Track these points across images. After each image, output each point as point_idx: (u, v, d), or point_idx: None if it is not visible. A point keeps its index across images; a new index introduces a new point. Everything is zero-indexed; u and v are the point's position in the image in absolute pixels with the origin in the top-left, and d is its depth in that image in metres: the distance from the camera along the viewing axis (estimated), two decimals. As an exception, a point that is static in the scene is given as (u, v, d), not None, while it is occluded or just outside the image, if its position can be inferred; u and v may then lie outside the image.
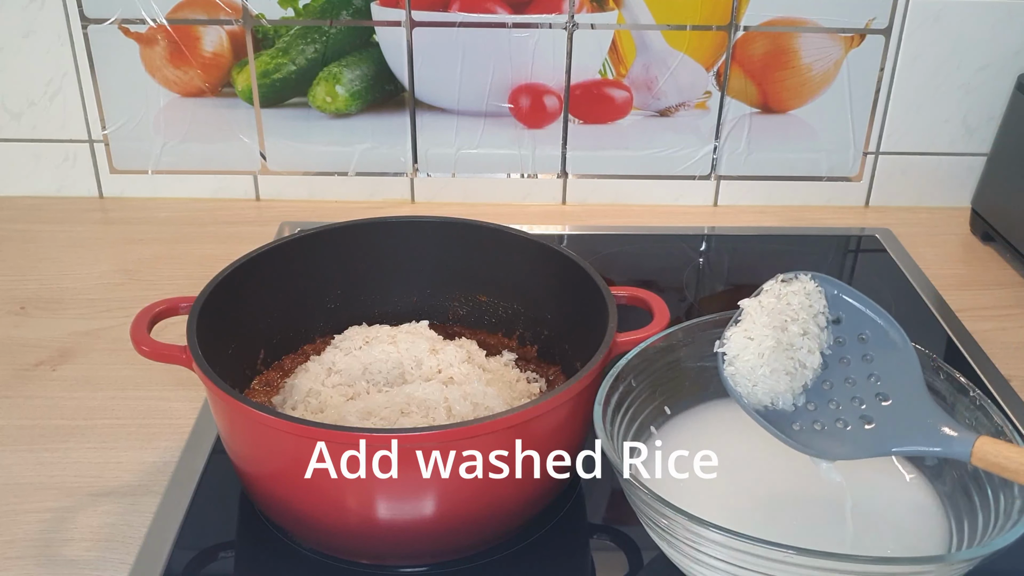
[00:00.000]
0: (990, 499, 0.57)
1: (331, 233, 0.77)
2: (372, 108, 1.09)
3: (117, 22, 1.04)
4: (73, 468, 0.72)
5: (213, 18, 1.04)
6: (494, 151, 1.11)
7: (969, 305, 0.95)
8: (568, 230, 1.09)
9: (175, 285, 0.96)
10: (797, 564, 0.50)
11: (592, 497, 0.70)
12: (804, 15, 1.04)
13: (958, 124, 1.10)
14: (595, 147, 1.11)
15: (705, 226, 1.11)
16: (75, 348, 0.86)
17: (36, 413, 0.78)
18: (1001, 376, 0.84)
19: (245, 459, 0.64)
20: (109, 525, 0.67)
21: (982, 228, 1.08)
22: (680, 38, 1.05)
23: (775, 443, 0.59)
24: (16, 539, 0.66)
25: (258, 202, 1.14)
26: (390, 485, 0.57)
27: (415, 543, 0.62)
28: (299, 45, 1.05)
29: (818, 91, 1.08)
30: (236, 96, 1.08)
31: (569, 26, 1.04)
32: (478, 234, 0.78)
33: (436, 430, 0.56)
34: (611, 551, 0.67)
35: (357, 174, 1.12)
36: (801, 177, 1.13)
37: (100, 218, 1.10)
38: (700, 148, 1.11)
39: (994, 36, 1.05)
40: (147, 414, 0.78)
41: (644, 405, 0.66)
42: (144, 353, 0.65)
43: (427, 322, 0.79)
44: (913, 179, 1.14)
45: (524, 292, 0.79)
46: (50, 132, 1.09)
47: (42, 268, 0.99)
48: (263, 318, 0.76)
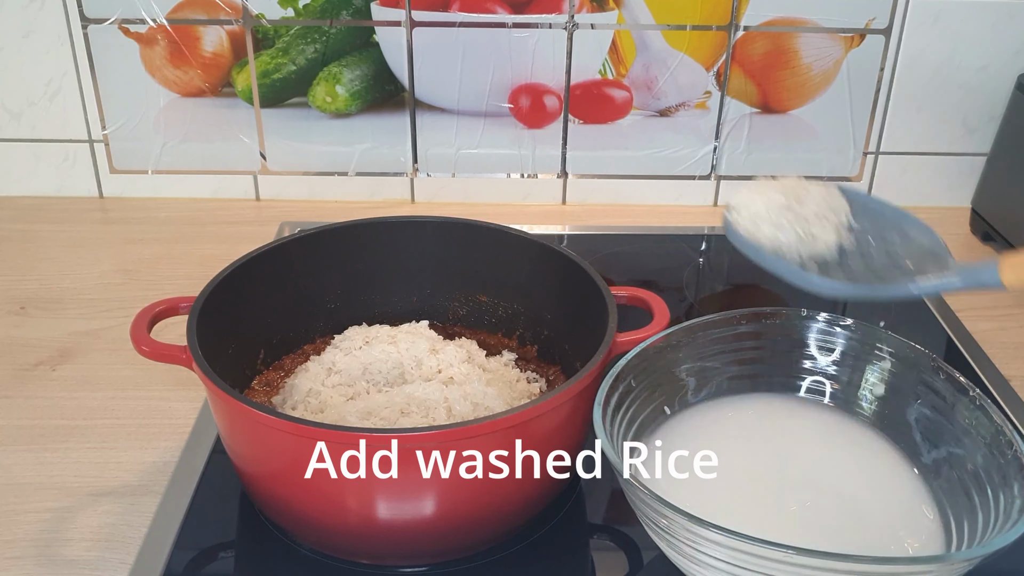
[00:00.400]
0: (990, 499, 0.57)
1: (331, 233, 0.77)
2: (372, 108, 1.09)
3: (117, 22, 1.04)
4: (73, 468, 0.72)
5: (213, 18, 1.04)
6: (494, 151, 1.11)
7: (969, 305, 0.95)
8: (568, 230, 1.09)
9: (175, 285, 0.96)
10: (797, 564, 0.50)
11: (592, 497, 0.70)
12: (804, 15, 1.04)
13: (958, 124, 1.10)
14: (595, 147, 1.11)
15: (705, 226, 1.11)
16: (75, 348, 0.86)
17: (36, 413, 0.78)
18: (1001, 376, 0.84)
19: (245, 459, 0.64)
20: (109, 525, 0.67)
21: (982, 228, 1.08)
22: (680, 38, 1.05)
23: (776, 442, 0.59)
24: (16, 539, 0.66)
25: (258, 202, 1.14)
26: (390, 485, 0.57)
27: (415, 543, 0.62)
28: (299, 45, 1.05)
29: (818, 91, 1.08)
30: (236, 96, 1.08)
31: (569, 26, 1.04)
32: (478, 234, 0.78)
33: (436, 430, 0.56)
34: (611, 551, 0.67)
35: (357, 174, 1.12)
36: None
37: (100, 218, 1.10)
38: (700, 148, 1.11)
39: (994, 36, 1.05)
40: (147, 414, 0.78)
41: (644, 405, 0.66)
42: (144, 353, 0.65)
43: (427, 322, 0.79)
44: (913, 179, 1.14)
45: (524, 292, 0.79)
46: (50, 132, 1.09)
47: (42, 268, 0.99)
48: (263, 318, 0.76)
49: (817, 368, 0.70)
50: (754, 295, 1.00)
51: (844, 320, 0.69)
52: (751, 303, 0.98)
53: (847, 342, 0.69)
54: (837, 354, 0.70)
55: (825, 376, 0.70)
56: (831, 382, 0.70)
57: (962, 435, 0.62)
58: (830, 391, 0.70)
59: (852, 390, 0.69)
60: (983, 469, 0.59)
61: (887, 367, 0.68)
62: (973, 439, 0.60)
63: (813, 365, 0.70)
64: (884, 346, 0.68)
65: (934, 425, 0.64)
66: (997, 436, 0.58)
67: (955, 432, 0.62)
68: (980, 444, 0.60)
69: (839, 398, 0.70)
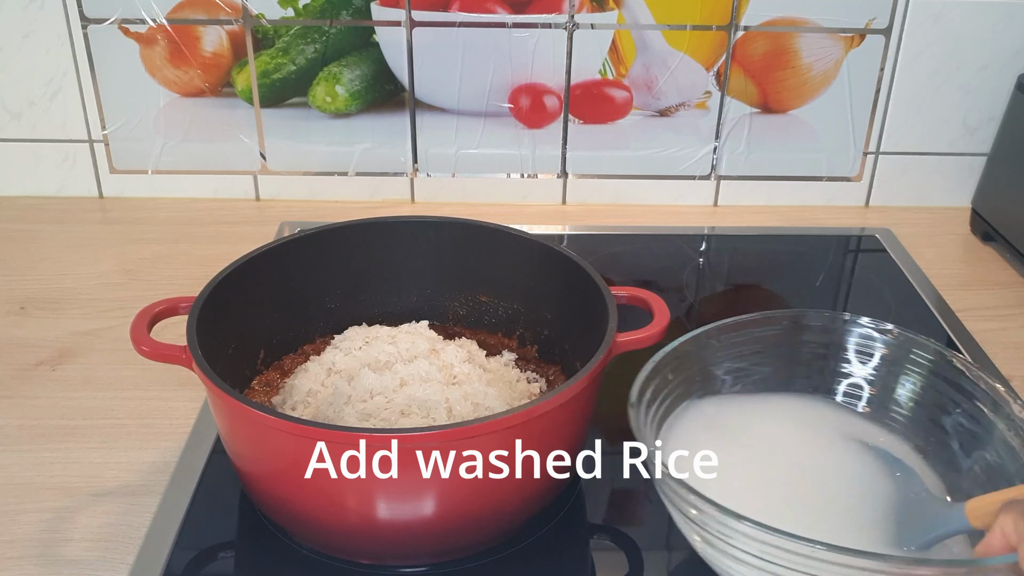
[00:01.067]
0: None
1: (331, 233, 0.77)
2: (372, 108, 1.09)
3: (117, 22, 1.04)
4: (73, 468, 0.72)
5: (213, 18, 1.04)
6: (494, 151, 1.11)
7: (969, 305, 0.95)
8: (568, 230, 1.09)
9: (175, 285, 0.96)
10: (837, 563, 0.49)
11: (592, 497, 0.70)
12: (804, 15, 1.04)
13: (958, 124, 1.10)
14: (595, 147, 1.11)
15: (705, 226, 1.11)
16: (75, 348, 0.86)
17: (36, 413, 0.78)
18: (1001, 376, 0.84)
19: (245, 459, 0.64)
20: (109, 525, 0.67)
21: (982, 228, 1.08)
22: (680, 38, 1.05)
23: (805, 443, 0.59)
24: (16, 539, 0.66)
25: (258, 202, 1.14)
26: (390, 485, 0.57)
27: (415, 543, 0.62)
28: (299, 45, 1.05)
29: (818, 91, 1.08)
30: (236, 96, 1.08)
31: (569, 26, 1.04)
32: (478, 234, 0.78)
33: (436, 430, 0.56)
34: (611, 551, 0.67)
35: (357, 174, 1.12)
36: (801, 177, 1.13)
37: (100, 218, 1.10)
38: (700, 148, 1.11)
39: (994, 36, 1.05)
40: (147, 414, 0.78)
41: (677, 401, 0.66)
42: (144, 353, 0.65)
43: (427, 322, 0.79)
44: (913, 179, 1.14)
45: (524, 292, 0.79)
46: (50, 132, 1.09)
47: (42, 268, 0.99)
48: (263, 318, 0.76)
49: (853, 373, 0.70)
50: (755, 295, 1.00)
51: (885, 325, 0.69)
52: (751, 303, 0.98)
53: (887, 348, 0.69)
54: (876, 359, 0.69)
55: (863, 381, 0.70)
56: (868, 387, 0.70)
57: (999, 445, 0.61)
58: (867, 396, 0.70)
59: (887, 395, 0.69)
60: (1019, 478, 0.59)
61: (924, 375, 0.67)
62: (1010, 449, 0.60)
63: (850, 369, 0.70)
64: (923, 353, 0.67)
65: (970, 434, 0.64)
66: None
67: (992, 442, 0.62)
68: (1018, 455, 0.59)
69: (874, 403, 0.69)
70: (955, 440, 0.64)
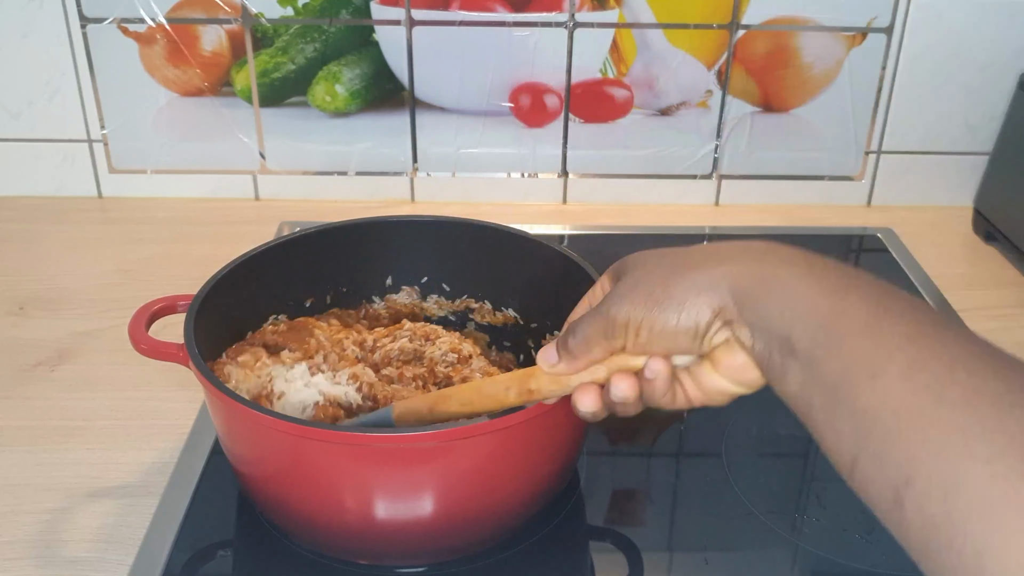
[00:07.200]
0: None
1: (331, 233, 0.77)
2: (372, 107, 1.08)
3: (116, 21, 1.03)
4: (73, 468, 0.72)
5: (212, 17, 1.03)
6: (494, 150, 1.11)
7: (971, 305, 0.95)
8: (569, 230, 1.09)
9: (174, 285, 0.95)
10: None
11: (592, 498, 0.70)
12: (806, 14, 1.04)
13: (960, 123, 1.10)
14: (596, 146, 1.11)
15: (706, 225, 1.11)
16: (74, 348, 0.86)
17: (35, 413, 0.78)
18: (1003, 376, 0.84)
19: (242, 459, 0.64)
20: (108, 525, 0.67)
21: (984, 227, 1.07)
22: (681, 37, 1.05)
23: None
24: (16, 539, 0.66)
25: (257, 201, 1.14)
26: (389, 485, 0.57)
27: (414, 543, 0.62)
28: (298, 44, 1.05)
29: (820, 90, 1.08)
30: (235, 95, 1.08)
31: (570, 25, 1.04)
32: (478, 234, 0.78)
33: (436, 430, 0.56)
34: (611, 552, 0.67)
35: (357, 174, 1.12)
36: (803, 176, 1.13)
37: (99, 218, 1.10)
38: (701, 147, 1.11)
39: (996, 35, 1.05)
40: (147, 414, 0.78)
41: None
42: (142, 351, 0.65)
43: (427, 322, 0.79)
44: (915, 178, 1.13)
45: (524, 292, 0.79)
46: (49, 132, 1.09)
47: (41, 268, 0.99)
48: (262, 317, 0.75)
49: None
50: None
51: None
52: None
53: None
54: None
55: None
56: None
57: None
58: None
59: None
60: None
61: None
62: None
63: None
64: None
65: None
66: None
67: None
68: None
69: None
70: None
